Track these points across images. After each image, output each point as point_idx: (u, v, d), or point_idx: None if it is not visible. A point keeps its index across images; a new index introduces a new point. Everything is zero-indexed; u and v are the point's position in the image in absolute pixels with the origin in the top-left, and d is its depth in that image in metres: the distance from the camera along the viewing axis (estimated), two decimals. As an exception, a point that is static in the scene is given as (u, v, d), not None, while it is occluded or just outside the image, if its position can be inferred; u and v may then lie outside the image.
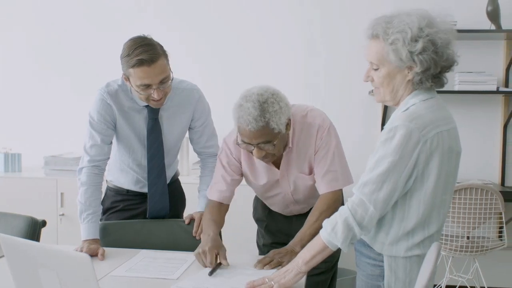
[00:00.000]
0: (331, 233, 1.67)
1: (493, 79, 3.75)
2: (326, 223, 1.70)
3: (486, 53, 3.93)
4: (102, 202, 2.43)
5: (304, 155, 2.20)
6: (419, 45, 1.61)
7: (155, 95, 2.11)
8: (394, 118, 1.68)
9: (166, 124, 2.35)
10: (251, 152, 2.11)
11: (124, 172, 2.47)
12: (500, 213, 3.34)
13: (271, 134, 2.03)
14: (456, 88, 3.78)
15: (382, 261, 1.74)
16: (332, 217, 1.70)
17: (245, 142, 2.07)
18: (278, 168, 2.23)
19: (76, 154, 3.96)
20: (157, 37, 2.18)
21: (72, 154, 3.99)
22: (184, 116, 2.38)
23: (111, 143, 2.34)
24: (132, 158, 2.41)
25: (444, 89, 4.33)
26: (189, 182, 3.75)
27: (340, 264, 3.61)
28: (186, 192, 3.74)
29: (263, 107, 1.99)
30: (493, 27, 3.76)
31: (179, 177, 2.75)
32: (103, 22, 4.21)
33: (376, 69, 1.71)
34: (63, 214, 3.78)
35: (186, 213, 2.51)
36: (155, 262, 2.05)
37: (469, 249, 3.36)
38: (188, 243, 2.25)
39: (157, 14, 4.13)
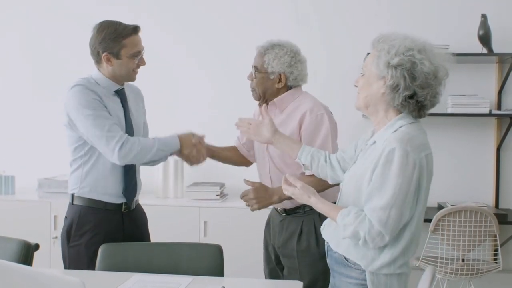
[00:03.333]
0: (342, 226, 1.77)
1: (485, 102, 3.78)
2: (344, 220, 1.76)
3: (478, 76, 3.97)
4: (71, 226, 2.42)
5: (287, 123, 2.43)
6: (397, 59, 1.70)
7: (142, 61, 2.42)
8: (387, 139, 1.72)
9: (131, 108, 2.50)
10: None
11: (113, 171, 2.40)
12: (495, 236, 3.34)
13: (260, 64, 2.45)
14: (449, 111, 3.81)
15: (365, 280, 1.76)
16: (349, 219, 1.74)
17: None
18: None
19: (70, 177, 3.95)
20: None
21: (66, 177, 3.97)
22: (138, 105, 2.58)
23: None
24: None
25: (437, 112, 4.34)
26: (183, 205, 3.76)
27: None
28: (182, 213, 3.75)
29: (274, 45, 2.46)
30: (484, 51, 3.80)
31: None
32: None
33: (362, 74, 1.84)
34: (56, 237, 3.75)
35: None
36: (149, 286, 2.03)
37: (464, 272, 3.34)
38: (189, 267, 2.24)
39: (153, 21, 4.16)
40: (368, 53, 2.09)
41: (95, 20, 4.24)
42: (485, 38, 3.77)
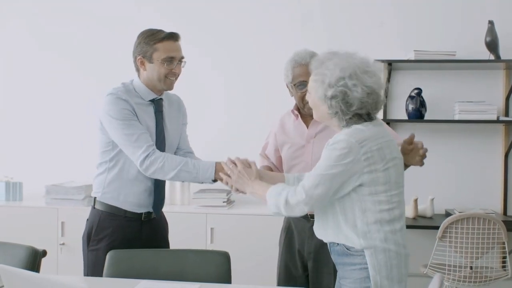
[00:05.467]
0: (269, 198, 1.98)
1: (493, 109, 3.77)
2: (272, 190, 1.97)
3: (486, 83, 3.96)
4: (91, 230, 2.44)
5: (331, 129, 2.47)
6: (331, 91, 1.88)
7: (177, 69, 2.40)
8: (340, 133, 1.92)
9: (166, 119, 2.49)
10: (303, 97, 2.42)
11: (135, 182, 2.42)
12: (503, 243, 3.32)
13: None
14: (456, 117, 3.80)
15: (367, 264, 1.88)
16: (277, 188, 1.97)
17: (301, 82, 2.44)
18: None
19: (77, 183, 3.96)
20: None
21: (73, 183, 3.99)
22: (177, 116, 2.58)
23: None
24: None
25: (444, 118, 4.33)
26: (190, 212, 3.76)
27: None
28: (189, 220, 3.75)
29: (314, 53, 2.44)
30: (492, 57, 3.80)
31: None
32: (109, 60, 4.26)
33: (309, 93, 2.01)
34: (63, 244, 3.76)
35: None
36: (156, 293, 2.03)
37: (473, 279, 3.32)
38: (196, 274, 2.24)
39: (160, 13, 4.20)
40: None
41: (111, 24, 4.30)
42: (492, 45, 3.76)
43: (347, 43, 4.00)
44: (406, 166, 2.25)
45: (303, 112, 2.55)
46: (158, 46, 2.35)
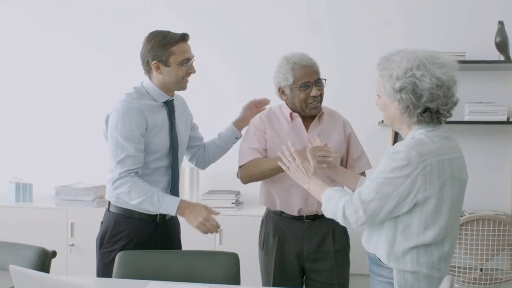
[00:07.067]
0: (325, 201, 1.96)
1: (503, 110, 3.74)
2: (330, 193, 1.94)
3: (496, 84, 3.93)
4: (105, 232, 2.46)
5: (329, 131, 2.56)
6: (399, 83, 1.81)
7: (192, 69, 2.43)
8: (401, 143, 1.85)
9: (177, 119, 2.52)
10: (306, 98, 2.47)
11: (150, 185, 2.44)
12: (514, 245, 3.30)
13: (319, 74, 2.51)
14: (466, 118, 3.78)
15: (393, 279, 1.85)
16: (336, 193, 1.93)
17: (305, 83, 2.46)
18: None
19: (86, 184, 3.98)
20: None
21: (83, 184, 4.01)
22: (185, 114, 2.62)
23: (143, 151, 2.38)
24: (160, 160, 2.46)
25: (454, 119, 4.31)
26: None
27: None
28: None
29: (307, 55, 2.52)
30: (502, 58, 3.77)
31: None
32: (121, 62, 4.28)
33: (378, 96, 1.94)
34: (72, 245, 3.78)
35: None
36: (165, 294, 2.03)
37: (483, 282, 3.30)
38: (205, 275, 2.24)
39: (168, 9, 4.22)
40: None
41: (123, 21, 4.31)
42: (502, 45, 3.74)
43: (353, 44, 4.05)
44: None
45: (303, 114, 2.54)
46: (174, 49, 2.37)
